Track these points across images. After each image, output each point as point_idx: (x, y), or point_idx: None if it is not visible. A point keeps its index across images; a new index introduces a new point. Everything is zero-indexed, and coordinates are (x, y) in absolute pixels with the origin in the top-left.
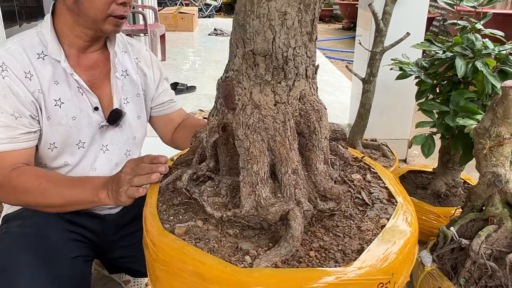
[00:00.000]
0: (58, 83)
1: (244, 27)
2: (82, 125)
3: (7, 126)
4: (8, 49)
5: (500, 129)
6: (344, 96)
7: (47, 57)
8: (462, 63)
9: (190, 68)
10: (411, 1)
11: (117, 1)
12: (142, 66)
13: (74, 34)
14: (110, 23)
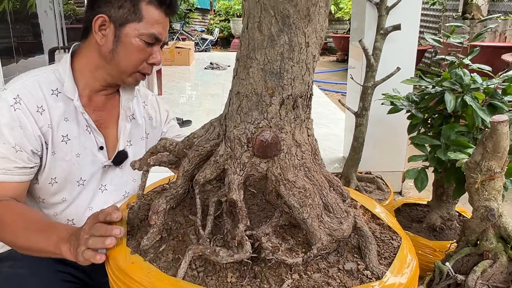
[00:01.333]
0: (67, 120)
1: (281, 74)
2: (85, 163)
3: (5, 158)
4: (24, 82)
5: (490, 163)
6: (339, 129)
7: (60, 94)
8: (452, 98)
9: (186, 102)
10: (401, 37)
11: (148, 61)
12: (148, 109)
13: (94, 77)
14: (134, 77)
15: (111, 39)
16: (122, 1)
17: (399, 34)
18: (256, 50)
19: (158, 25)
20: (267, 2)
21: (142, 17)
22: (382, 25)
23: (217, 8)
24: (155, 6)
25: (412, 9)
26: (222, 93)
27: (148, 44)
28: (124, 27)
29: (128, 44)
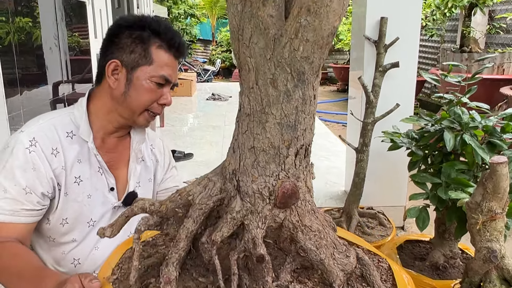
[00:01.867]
0: (80, 161)
1: (296, 126)
2: (96, 204)
3: (14, 199)
4: (40, 125)
5: (491, 204)
6: (340, 161)
7: (75, 137)
8: (451, 137)
9: (188, 134)
10: (400, 74)
11: (159, 101)
12: (156, 152)
13: (107, 119)
14: (145, 117)
15: (123, 82)
16: (133, 47)
17: (398, 71)
18: (272, 106)
19: (167, 68)
20: (283, 61)
21: (153, 60)
22: (381, 63)
23: (219, 39)
24: (165, 49)
25: (410, 47)
26: (223, 125)
27: (159, 85)
28: (135, 70)
29: (139, 86)
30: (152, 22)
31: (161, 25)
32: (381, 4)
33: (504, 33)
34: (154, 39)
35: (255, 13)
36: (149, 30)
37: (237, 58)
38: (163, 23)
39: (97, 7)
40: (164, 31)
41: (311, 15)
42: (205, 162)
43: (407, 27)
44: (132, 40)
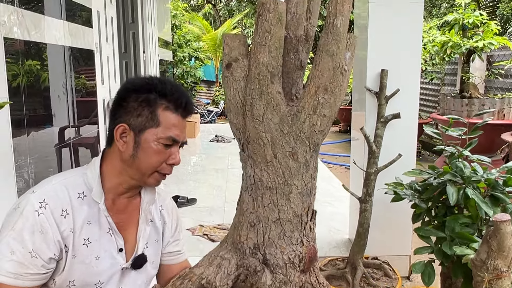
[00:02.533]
0: (90, 223)
1: (310, 192)
2: (104, 265)
3: (20, 263)
4: (53, 185)
5: (496, 262)
6: (344, 207)
7: (86, 198)
8: (454, 191)
9: (191, 178)
10: (401, 124)
11: (168, 162)
12: (164, 214)
13: (118, 181)
14: (155, 178)
15: (132, 145)
16: (140, 110)
17: (399, 122)
18: (293, 177)
19: (175, 128)
20: (303, 135)
21: (160, 122)
22: (382, 114)
23: (222, 80)
24: (171, 110)
25: (411, 98)
26: (227, 168)
27: (166, 146)
28: (143, 133)
29: (148, 148)
30: (158, 84)
31: (167, 86)
32: (381, 56)
33: (503, 78)
34: (161, 101)
35: (265, 90)
36: (155, 92)
37: (243, 132)
38: (169, 84)
39: (105, 54)
40: (170, 92)
41: (328, 94)
42: (209, 208)
43: (407, 79)
44: (138, 104)
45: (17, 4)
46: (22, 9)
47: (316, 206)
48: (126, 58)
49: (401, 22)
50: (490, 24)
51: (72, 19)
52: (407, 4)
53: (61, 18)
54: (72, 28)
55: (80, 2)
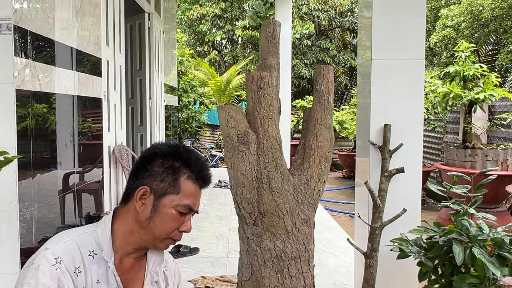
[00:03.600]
0: (99, 282)
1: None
2: None
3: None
4: (65, 243)
5: None
6: (348, 258)
7: (96, 256)
8: (460, 250)
9: (194, 225)
10: (405, 178)
11: (180, 229)
12: (167, 275)
13: (128, 240)
14: (166, 243)
15: (150, 208)
16: (164, 176)
17: (404, 176)
18: (309, 243)
19: (192, 197)
20: (313, 201)
21: (180, 190)
22: (386, 168)
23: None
24: (193, 180)
25: (414, 152)
26: (229, 215)
27: (182, 214)
28: (163, 198)
29: (164, 213)
30: (185, 153)
31: (192, 157)
32: (384, 111)
33: (505, 128)
34: (184, 170)
35: (279, 162)
36: (181, 160)
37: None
38: (194, 155)
39: (112, 101)
40: (194, 162)
41: (328, 162)
42: (211, 258)
43: (410, 133)
44: (164, 169)
45: (30, 57)
46: (35, 62)
47: (321, 257)
48: (133, 103)
49: (403, 78)
50: (491, 76)
51: (81, 69)
52: (408, 61)
53: (71, 69)
54: (82, 78)
55: (90, 53)
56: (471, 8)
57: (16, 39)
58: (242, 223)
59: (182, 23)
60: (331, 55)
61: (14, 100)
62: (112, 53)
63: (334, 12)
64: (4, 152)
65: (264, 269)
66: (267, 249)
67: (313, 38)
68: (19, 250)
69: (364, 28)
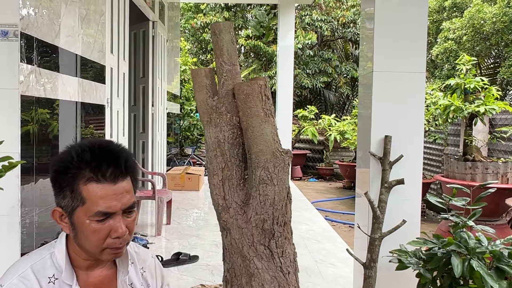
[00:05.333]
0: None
1: None
2: None
3: None
4: (20, 275)
5: None
6: (348, 269)
7: (57, 281)
8: (458, 262)
9: (193, 233)
10: (405, 190)
11: (111, 236)
12: (146, 276)
13: (82, 258)
14: (107, 253)
15: (70, 228)
16: (64, 190)
17: (403, 187)
18: None
19: (103, 200)
20: None
21: (84, 199)
22: (386, 179)
23: None
24: (95, 181)
25: (414, 164)
26: None
27: (101, 221)
28: (73, 214)
29: (83, 228)
30: (75, 156)
31: (85, 155)
32: (385, 123)
33: (505, 141)
34: (81, 174)
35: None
36: (72, 167)
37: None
38: (88, 151)
39: (115, 109)
40: (88, 160)
41: None
42: (211, 266)
43: (411, 145)
44: (60, 184)
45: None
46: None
47: (320, 267)
48: (135, 110)
49: (404, 90)
50: (491, 89)
51: (85, 76)
52: (409, 74)
53: (75, 75)
54: (86, 84)
55: (95, 60)
56: (473, 22)
57: (22, 45)
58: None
59: (186, 32)
60: (333, 66)
61: (19, 105)
62: (116, 60)
63: (337, 23)
64: (9, 157)
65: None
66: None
67: (316, 49)
68: (20, 255)
69: (366, 40)
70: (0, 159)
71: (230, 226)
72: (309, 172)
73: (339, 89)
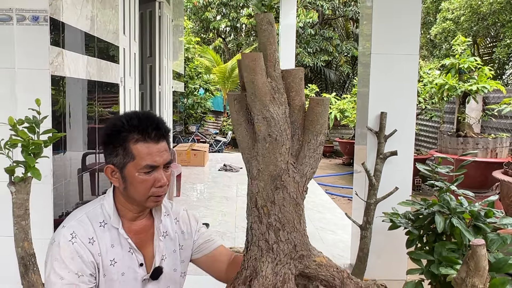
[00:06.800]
0: (113, 246)
1: None
2: (128, 279)
3: (72, 284)
4: (78, 219)
5: (474, 280)
6: (346, 235)
7: (107, 225)
8: (441, 220)
9: (202, 204)
10: (398, 160)
11: (155, 186)
12: (180, 224)
13: (127, 209)
14: (151, 201)
15: (121, 181)
16: (115, 150)
17: (397, 158)
18: None
19: (149, 156)
20: None
21: (134, 156)
22: (381, 151)
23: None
24: (142, 141)
25: (407, 137)
26: (235, 196)
27: (148, 173)
28: (125, 169)
29: (133, 180)
30: (125, 122)
31: (133, 121)
32: (381, 100)
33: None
34: (131, 136)
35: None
36: (123, 130)
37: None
38: (135, 118)
39: (128, 87)
40: (136, 125)
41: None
42: (220, 232)
43: (404, 120)
44: (113, 145)
45: (61, 45)
46: (66, 50)
47: (321, 234)
48: (143, 89)
49: (399, 71)
50: (484, 69)
51: (102, 56)
52: (404, 56)
53: (94, 56)
54: (103, 65)
55: (110, 41)
56: (470, 2)
57: (51, 29)
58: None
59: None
60: (334, 44)
61: (49, 84)
62: (128, 41)
63: (338, 2)
64: (53, 130)
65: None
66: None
67: (317, 27)
68: (52, 218)
69: (366, 18)
70: (45, 131)
71: (286, 185)
72: None
73: (339, 67)
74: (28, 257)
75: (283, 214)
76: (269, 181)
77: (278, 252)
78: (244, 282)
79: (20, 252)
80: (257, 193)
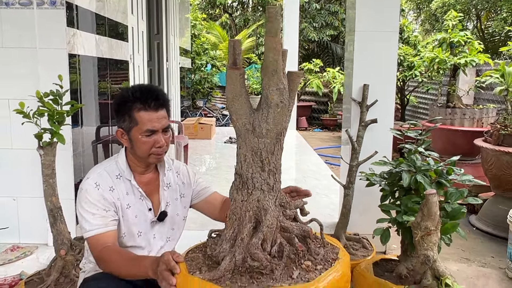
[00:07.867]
0: (128, 194)
1: None
2: (140, 221)
3: (102, 217)
4: (99, 173)
5: (427, 223)
6: (338, 198)
7: (122, 177)
8: (407, 177)
9: (208, 172)
10: (378, 128)
11: (155, 146)
12: (181, 177)
13: (135, 164)
14: (153, 158)
15: (128, 142)
16: (123, 117)
17: (377, 126)
18: None
19: (149, 122)
20: None
21: (137, 121)
22: (363, 119)
23: None
24: (144, 109)
25: (387, 107)
26: None
27: (149, 136)
28: (131, 132)
29: (137, 141)
30: (131, 94)
31: (137, 93)
32: (364, 73)
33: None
34: (135, 105)
35: None
36: (129, 100)
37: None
38: (138, 90)
39: (137, 64)
40: (139, 96)
41: None
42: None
43: (385, 92)
44: (121, 113)
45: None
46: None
47: (316, 198)
48: (151, 65)
49: (380, 47)
50: (474, 43)
51: (113, 35)
52: (385, 33)
53: (105, 35)
54: (113, 43)
55: (119, 21)
56: None
57: (66, 12)
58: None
59: None
60: (340, 19)
61: (67, 62)
62: (136, 20)
63: None
64: (73, 102)
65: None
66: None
67: (322, 2)
68: (73, 181)
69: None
70: (67, 103)
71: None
72: (314, 123)
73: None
74: (56, 210)
75: (277, 161)
76: (274, 138)
77: (276, 190)
78: (250, 220)
79: (49, 205)
80: (263, 148)
